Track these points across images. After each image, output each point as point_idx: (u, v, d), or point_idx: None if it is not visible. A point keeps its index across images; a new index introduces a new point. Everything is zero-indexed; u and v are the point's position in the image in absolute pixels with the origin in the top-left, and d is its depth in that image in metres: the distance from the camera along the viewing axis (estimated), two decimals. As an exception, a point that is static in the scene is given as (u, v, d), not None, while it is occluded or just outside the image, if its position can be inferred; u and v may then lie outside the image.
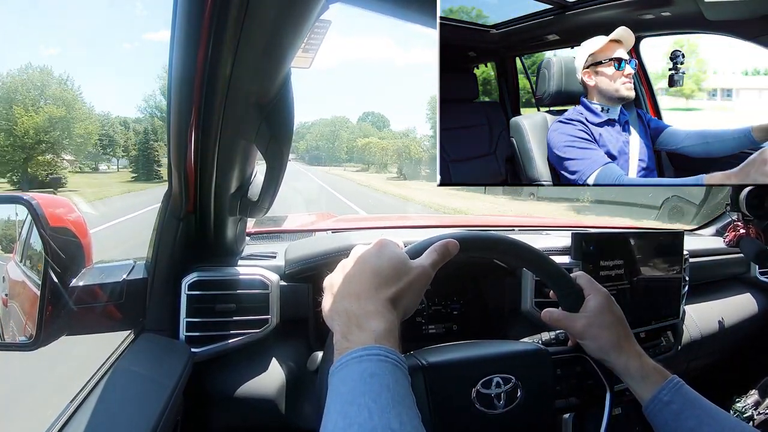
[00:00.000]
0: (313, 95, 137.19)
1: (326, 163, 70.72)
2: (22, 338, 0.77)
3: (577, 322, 0.70)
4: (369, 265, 0.56)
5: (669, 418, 0.62)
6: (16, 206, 0.77)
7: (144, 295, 0.84)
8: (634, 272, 1.06)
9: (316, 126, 78.31)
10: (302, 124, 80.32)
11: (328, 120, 78.30)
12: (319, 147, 74.58)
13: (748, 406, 1.31)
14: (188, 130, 0.64)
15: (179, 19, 0.50)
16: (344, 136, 73.95)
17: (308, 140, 75.75)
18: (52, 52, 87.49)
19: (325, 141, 74.36)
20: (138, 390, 0.72)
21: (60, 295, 0.74)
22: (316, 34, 0.62)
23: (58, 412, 0.67)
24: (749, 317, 1.50)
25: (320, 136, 74.94)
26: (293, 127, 0.67)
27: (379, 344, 0.48)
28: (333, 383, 0.47)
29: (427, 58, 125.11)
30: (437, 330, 1.08)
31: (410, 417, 0.43)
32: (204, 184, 0.75)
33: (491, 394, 0.67)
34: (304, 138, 76.48)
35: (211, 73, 0.55)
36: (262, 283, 0.89)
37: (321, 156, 73.16)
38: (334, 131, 74.85)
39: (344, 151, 72.29)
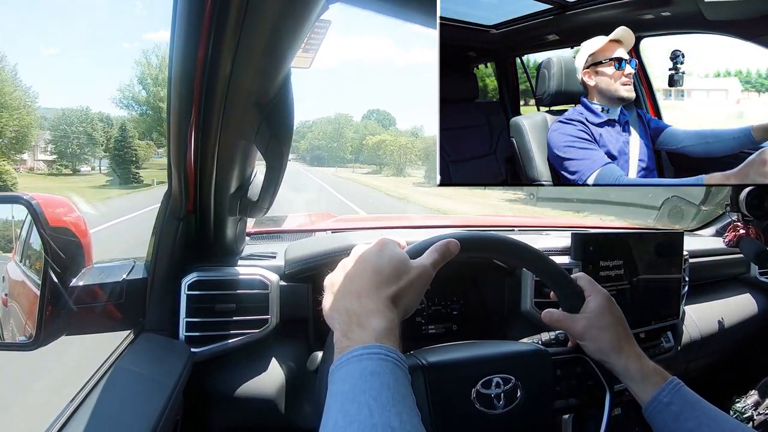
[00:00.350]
0: (314, 94, 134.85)
1: (330, 164, 64.95)
2: (22, 338, 0.77)
3: (577, 323, 0.70)
4: (370, 264, 0.56)
5: (668, 420, 0.63)
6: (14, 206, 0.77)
7: (144, 295, 0.84)
8: (634, 272, 1.06)
9: (317, 125, 74.28)
10: (303, 123, 76.88)
11: (331, 118, 73.84)
12: (321, 146, 70.63)
13: (748, 406, 1.31)
14: (188, 129, 0.64)
15: (179, 19, 0.50)
16: (348, 135, 70.24)
17: (309, 139, 72.06)
18: (52, 51, 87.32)
19: (328, 140, 70.37)
20: (138, 390, 0.72)
21: (60, 295, 0.74)
22: (316, 34, 0.62)
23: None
24: (749, 318, 1.50)
25: (322, 135, 70.97)
26: (293, 127, 0.67)
27: (380, 343, 0.48)
28: (333, 381, 0.47)
29: (428, 58, 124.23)
30: (437, 330, 1.08)
31: (410, 416, 0.43)
32: (204, 184, 0.75)
33: (491, 395, 0.67)
34: (305, 137, 72.73)
35: (211, 72, 0.56)
36: (261, 283, 0.89)
37: (323, 156, 69.21)
38: (337, 129, 70.35)
39: (349, 151, 68.74)
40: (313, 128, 74.21)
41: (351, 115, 74.67)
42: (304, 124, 77.21)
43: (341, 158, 67.46)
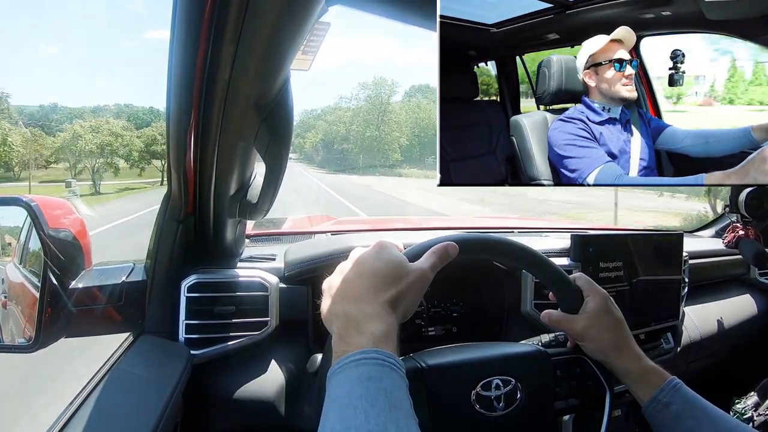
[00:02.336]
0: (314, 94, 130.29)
1: (369, 168, 40.34)
2: (21, 340, 0.76)
3: (576, 324, 0.70)
4: (368, 268, 0.56)
5: (668, 419, 0.63)
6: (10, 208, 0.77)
7: (143, 297, 0.84)
8: (633, 274, 1.06)
9: (341, 107, 49.12)
10: (307, 113, 54.67)
11: (368, 84, 46.66)
12: (349, 137, 44.20)
13: (748, 407, 1.31)
14: (187, 131, 0.64)
15: (179, 20, 0.50)
16: (402, 119, 44.77)
17: (322, 131, 47.64)
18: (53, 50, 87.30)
19: (362, 125, 44.27)
20: (137, 392, 0.71)
21: (59, 297, 0.74)
22: (316, 36, 0.63)
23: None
24: (749, 319, 1.50)
25: (353, 119, 45.07)
26: (292, 129, 0.67)
27: (378, 348, 0.48)
28: (330, 386, 0.47)
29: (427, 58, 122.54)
30: (437, 332, 1.08)
31: (407, 421, 0.43)
32: (203, 186, 0.75)
33: (491, 396, 0.67)
34: (314, 128, 49.62)
35: (210, 74, 0.56)
36: (261, 285, 0.89)
37: (351, 155, 44.38)
38: (377, 106, 44.01)
39: (400, 147, 42.78)
40: (332, 114, 47.65)
41: (397, 82, 40.88)
42: (311, 113, 55.55)
43: (385, 156, 41.39)
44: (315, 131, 49.79)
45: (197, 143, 0.67)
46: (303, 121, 56.93)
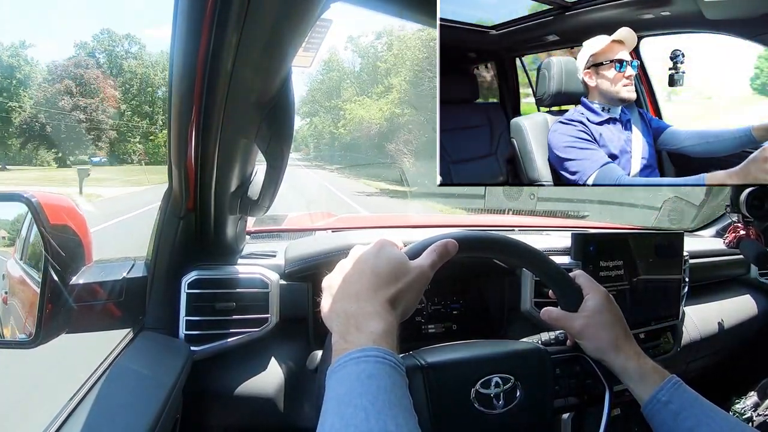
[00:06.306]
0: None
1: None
2: (22, 336, 0.77)
3: (576, 322, 0.70)
4: (368, 266, 0.56)
5: (667, 418, 0.63)
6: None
7: (144, 293, 0.84)
8: (634, 273, 1.06)
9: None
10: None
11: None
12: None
13: (748, 407, 1.31)
14: (188, 128, 0.64)
15: (180, 17, 0.50)
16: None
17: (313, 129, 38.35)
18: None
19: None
20: (137, 388, 0.72)
21: (60, 292, 0.74)
22: (317, 33, 0.62)
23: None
24: (749, 319, 1.50)
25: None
26: (294, 125, 0.67)
27: (377, 346, 0.48)
28: (330, 384, 0.47)
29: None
30: (437, 330, 1.08)
31: (406, 419, 0.43)
32: (204, 183, 0.75)
33: (490, 394, 0.67)
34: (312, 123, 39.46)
35: (212, 71, 0.55)
36: (261, 281, 0.89)
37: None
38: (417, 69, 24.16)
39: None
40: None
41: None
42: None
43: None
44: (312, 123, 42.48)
45: (198, 139, 0.67)
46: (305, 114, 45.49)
